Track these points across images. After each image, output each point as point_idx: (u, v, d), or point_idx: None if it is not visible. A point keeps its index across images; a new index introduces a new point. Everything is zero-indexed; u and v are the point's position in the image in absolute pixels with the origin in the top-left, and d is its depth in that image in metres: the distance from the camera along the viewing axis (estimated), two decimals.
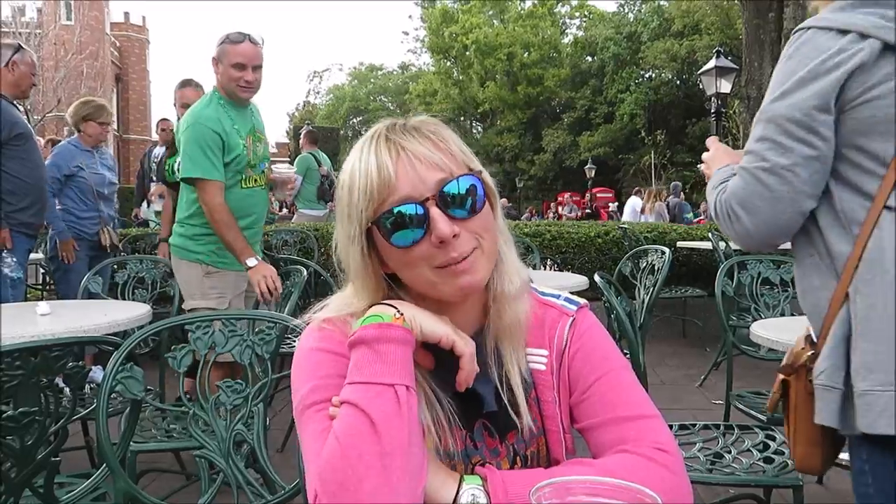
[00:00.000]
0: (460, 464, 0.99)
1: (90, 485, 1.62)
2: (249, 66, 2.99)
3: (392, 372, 0.85)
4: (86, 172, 4.57)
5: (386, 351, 0.86)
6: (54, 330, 2.05)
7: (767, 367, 4.58)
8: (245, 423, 1.59)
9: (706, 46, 24.56)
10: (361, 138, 0.98)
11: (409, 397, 0.85)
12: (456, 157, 0.96)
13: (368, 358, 0.86)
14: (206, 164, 2.90)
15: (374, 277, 0.98)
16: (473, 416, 1.01)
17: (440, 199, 0.92)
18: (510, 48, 39.06)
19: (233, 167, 2.98)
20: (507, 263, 1.01)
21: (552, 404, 1.02)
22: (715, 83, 9.97)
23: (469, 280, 0.94)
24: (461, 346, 0.92)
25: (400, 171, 0.92)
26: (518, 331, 1.02)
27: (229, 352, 1.61)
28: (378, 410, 0.82)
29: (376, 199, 0.92)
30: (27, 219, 3.70)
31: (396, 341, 0.87)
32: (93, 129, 4.60)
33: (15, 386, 1.40)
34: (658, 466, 0.91)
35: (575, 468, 0.91)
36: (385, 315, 0.89)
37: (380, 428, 0.81)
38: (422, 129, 0.96)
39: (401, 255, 0.94)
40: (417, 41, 44.74)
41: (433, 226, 0.91)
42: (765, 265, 3.04)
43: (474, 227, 0.94)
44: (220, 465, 1.58)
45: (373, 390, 0.84)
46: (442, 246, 0.91)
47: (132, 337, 1.55)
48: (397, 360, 0.86)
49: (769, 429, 2.31)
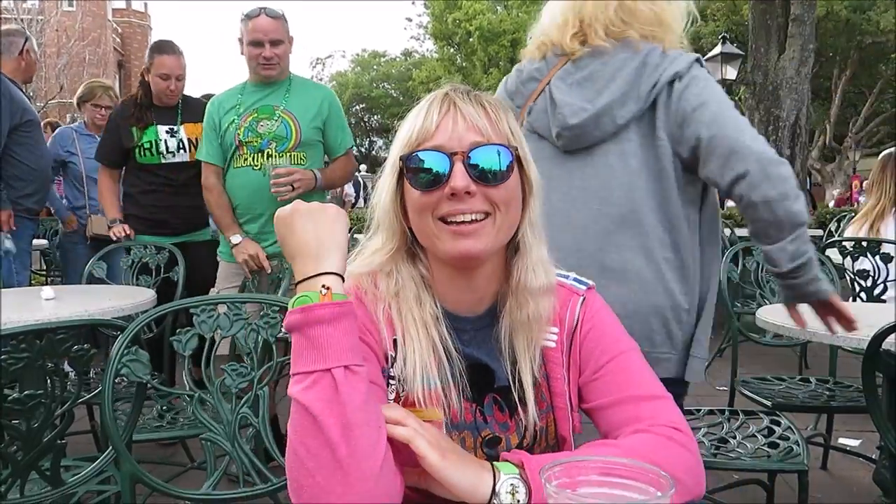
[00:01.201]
0: (469, 436, 1.00)
1: (96, 468, 1.63)
2: (266, 41, 2.87)
3: (325, 356, 0.83)
4: (78, 158, 4.43)
5: (315, 335, 0.84)
6: (59, 315, 2.05)
7: (772, 353, 4.58)
8: (250, 406, 1.59)
9: (711, 33, 24.35)
10: (429, 94, 1.03)
11: (349, 375, 0.83)
12: (502, 131, 0.98)
13: (300, 345, 0.85)
14: (204, 146, 3.04)
15: (397, 223, 1.01)
16: (484, 389, 1.02)
17: (468, 157, 0.94)
18: (514, 34, 38.73)
19: (223, 146, 2.99)
20: (532, 256, 1.02)
21: (561, 381, 1.03)
22: (721, 69, 9.92)
23: (469, 245, 0.94)
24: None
25: (443, 123, 0.96)
26: (536, 328, 1.02)
27: (234, 335, 1.60)
28: (315, 401, 0.81)
29: (413, 142, 0.97)
30: (31, 205, 3.75)
31: (324, 322, 0.84)
32: (89, 112, 4.49)
33: (21, 369, 1.40)
34: (677, 445, 0.92)
35: (600, 449, 0.91)
36: (311, 295, 0.86)
37: (320, 419, 0.80)
38: (482, 97, 1.00)
39: (417, 199, 0.96)
40: (420, 27, 44.38)
41: (451, 177, 0.93)
42: None
43: (494, 196, 0.95)
44: (227, 449, 1.58)
45: (308, 380, 0.83)
46: (453, 198, 0.94)
47: (137, 320, 1.54)
48: (330, 342, 0.84)
49: (774, 414, 2.31)
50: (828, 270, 2.86)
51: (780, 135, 8.74)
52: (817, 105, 23.75)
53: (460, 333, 1.01)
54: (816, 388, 2.71)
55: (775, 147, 8.60)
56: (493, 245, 0.97)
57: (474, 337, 1.03)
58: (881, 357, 1.66)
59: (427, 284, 1.02)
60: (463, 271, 1.00)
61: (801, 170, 8.94)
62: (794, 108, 8.69)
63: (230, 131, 2.94)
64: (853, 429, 3.40)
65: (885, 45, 21.96)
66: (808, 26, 8.63)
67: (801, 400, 2.58)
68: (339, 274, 0.89)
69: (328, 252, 0.89)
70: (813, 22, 8.76)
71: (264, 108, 2.95)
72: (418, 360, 0.96)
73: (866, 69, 25.03)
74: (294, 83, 3.05)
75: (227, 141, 2.96)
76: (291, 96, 2.99)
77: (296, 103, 2.98)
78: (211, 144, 3.00)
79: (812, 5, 8.75)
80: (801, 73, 8.66)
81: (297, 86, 3.05)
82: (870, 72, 25.10)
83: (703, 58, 11.38)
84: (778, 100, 8.72)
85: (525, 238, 1.01)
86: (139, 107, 3.59)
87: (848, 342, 1.83)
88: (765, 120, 8.81)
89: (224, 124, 2.96)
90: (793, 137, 8.75)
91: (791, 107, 8.68)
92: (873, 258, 3.08)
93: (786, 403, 2.48)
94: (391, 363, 0.98)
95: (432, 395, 0.96)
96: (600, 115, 1.62)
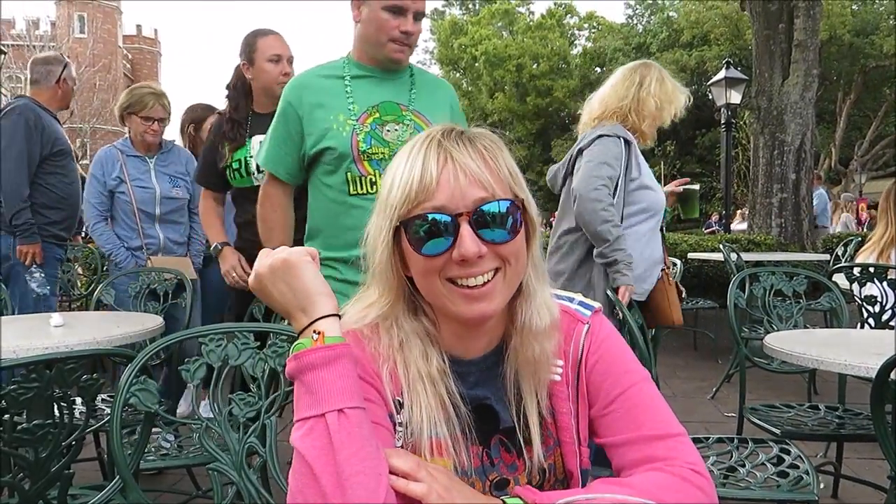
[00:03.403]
0: (477, 481, 0.98)
1: (103, 497, 1.62)
2: (413, 9, 2.05)
3: (319, 401, 0.84)
4: (126, 186, 3.57)
5: (310, 381, 0.85)
6: (68, 342, 2.05)
7: (780, 379, 4.56)
8: (258, 435, 1.59)
9: (715, 57, 24.52)
10: (416, 136, 0.98)
11: (343, 420, 0.83)
12: (503, 179, 0.94)
13: (299, 392, 0.86)
14: (273, 148, 2.20)
15: (395, 277, 0.97)
16: (490, 431, 1.00)
17: (474, 217, 0.90)
18: (519, 59, 39.08)
19: (308, 155, 2.12)
20: (535, 297, 0.99)
21: (567, 416, 1.01)
22: (725, 94, 9.95)
23: (483, 308, 0.93)
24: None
25: (443, 179, 0.91)
26: (541, 369, 1.00)
27: (242, 364, 1.61)
28: (310, 449, 0.82)
29: (412, 200, 0.91)
30: (58, 231, 3.72)
31: (318, 367, 0.85)
32: (136, 126, 3.58)
33: (29, 398, 1.40)
34: (693, 488, 0.90)
35: (613, 488, 0.89)
36: (305, 342, 0.88)
37: (315, 468, 0.81)
38: (477, 141, 0.95)
39: (421, 262, 0.93)
40: (427, 52, 44.84)
41: (459, 241, 0.90)
42: (777, 277, 3.02)
43: (502, 252, 0.93)
44: (233, 479, 1.57)
45: (305, 427, 0.84)
46: (462, 263, 0.91)
47: (146, 349, 1.55)
48: (322, 386, 0.84)
49: (784, 442, 2.29)
50: (835, 297, 2.86)
51: (785, 159, 8.75)
52: (822, 128, 23.80)
53: (465, 377, 1.00)
54: (826, 416, 2.69)
55: (780, 171, 8.71)
56: (505, 301, 0.96)
57: (479, 378, 1.01)
58: (890, 387, 1.65)
59: (432, 337, 0.99)
60: (472, 326, 0.99)
61: (807, 193, 8.93)
62: (798, 132, 8.71)
63: (338, 134, 2.02)
64: (864, 456, 3.36)
65: (889, 69, 22.06)
66: (811, 52, 8.68)
67: (811, 428, 2.56)
68: (332, 314, 0.90)
69: (312, 301, 0.90)
70: (816, 47, 8.81)
71: (388, 106, 2.07)
72: (425, 414, 0.94)
73: (870, 93, 25.13)
74: (416, 75, 2.21)
75: (334, 146, 2.02)
76: (418, 93, 2.15)
77: (424, 103, 2.14)
78: (284, 148, 2.12)
79: (815, 30, 8.81)
80: (806, 97, 8.70)
81: (420, 79, 2.21)
82: (874, 95, 25.19)
83: (708, 82, 11.46)
84: (782, 124, 8.75)
85: (529, 281, 0.99)
86: (230, 121, 3.01)
87: (856, 370, 1.82)
88: (770, 144, 8.83)
89: (324, 121, 2.03)
90: (798, 161, 8.76)
91: (796, 131, 8.71)
92: (881, 284, 3.07)
93: (795, 431, 2.46)
94: (398, 409, 0.96)
95: (441, 446, 0.95)
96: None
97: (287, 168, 2.15)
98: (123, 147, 3.64)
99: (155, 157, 3.69)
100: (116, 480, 1.58)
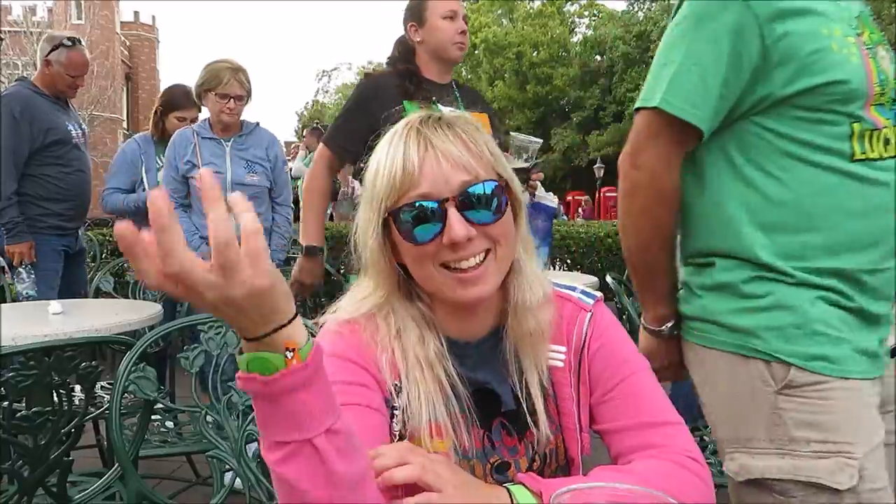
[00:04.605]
0: (478, 464, 0.99)
1: (102, 484, 1.63)
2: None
3: (300, 425, 0.71)
4: (198, 171, 2.94)
5: (286, 402, 0.70)
6: (66, 329, 2.05)
7: None
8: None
9: None
10: (395, 126, 0.97)
11: (332, 440, 0.73)
12: (485, 160, 0.95)
13: (268, 412, 0.71)
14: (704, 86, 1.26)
15: (388, 266, 0.98)
16: (491, 414, 1.01)
17: (460, 200, 0.91)
18: (519, 47, 38.98)
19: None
20: (526, 273, 1.00)
21: (569, 402, 1.02)
22: None
23: (478, 292, 0.94)
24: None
25: (425, 166, 0.91)
26: (540, 340, 1.01)
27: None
28: (296, 475, 0.73)
29: (398, 190, 0.92)
30: (60, 222, 3.54)
31: (297, 389, 0.69)
32: (212, 104, 3.16)
33: (28, 386, 1.40)
34: (690, 475, 0.91)
35: (613, 474, 0.90)
36: (272, 358, 0.68)
37: (307, 499, 0.74)
38: (455, 126, 0.95)
39: (412, 249, 0.94)
40: None
41: (448, 226, 0.90)
42: None
43: (491, 233, 0.94)
44: (232, 466, 1.58)
45: (286, 450, 0.72)
46: (453, 247, 0.91)
47: (145, 337, 1.55)
48: (305, 409, 0.70)
49: None
50: None
51: None
52: None
53: (464, 359, 1.00)
54: None
55: None
56: (499, 281, 0.96)
57: (479, 360, 1.02)
58: None
59: (428, 321, 1.00)
60: (468, 308, 0.99)
61: None
62: None
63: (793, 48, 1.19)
64: None
65: None
66: None
67: None
68: (294, 315, 0.69)
69: (272, 302, 0.66)
70: None
71: (867, 17, 1.32)
72: (424, 397, 0.94)
73: None
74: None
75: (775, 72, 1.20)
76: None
77: None
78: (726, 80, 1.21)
79: None
80: None
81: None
82: None
83: None
84: None
85: (519, 257, 1.00)
86: (409, 75, 2.42)
87: None
88: None
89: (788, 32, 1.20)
90: None
91: None
92: None
93: None
94: (396, 393, 0.96)
95: (441, 428, 0.95)
96: None
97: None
98: (200, 129, 3.26)
99: (232, 139, 3.24)
100: (116, 468, 1.59)
